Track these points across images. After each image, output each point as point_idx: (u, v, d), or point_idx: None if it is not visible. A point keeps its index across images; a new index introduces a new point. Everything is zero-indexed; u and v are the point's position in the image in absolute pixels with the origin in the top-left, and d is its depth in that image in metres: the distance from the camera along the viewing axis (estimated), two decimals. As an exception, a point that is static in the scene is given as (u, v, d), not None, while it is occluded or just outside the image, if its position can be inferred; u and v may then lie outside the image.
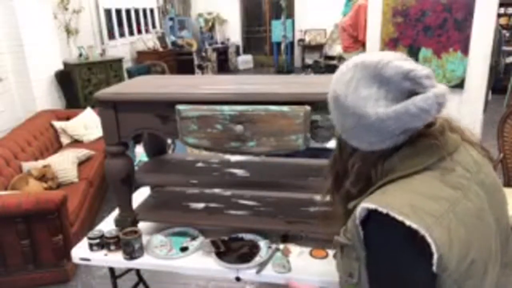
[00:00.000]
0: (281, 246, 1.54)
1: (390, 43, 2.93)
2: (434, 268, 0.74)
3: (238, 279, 1.48)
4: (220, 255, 1.52)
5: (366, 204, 0.80)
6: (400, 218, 0.75)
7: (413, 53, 2.85)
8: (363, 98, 0.80)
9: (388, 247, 0.79)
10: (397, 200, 0.78)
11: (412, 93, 0.78)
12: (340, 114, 0.86)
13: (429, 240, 0.73)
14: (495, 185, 0.90)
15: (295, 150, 1.40)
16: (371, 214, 0.79)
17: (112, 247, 1.64)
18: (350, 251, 0.86)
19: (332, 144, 1.40)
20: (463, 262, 0.77)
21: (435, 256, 0.73)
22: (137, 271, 2.12)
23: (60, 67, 4.94)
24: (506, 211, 0.92)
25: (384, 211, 0.77)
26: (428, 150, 0.83)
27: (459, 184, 0.81)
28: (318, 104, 1.37)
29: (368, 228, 0.81)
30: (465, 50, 2.66)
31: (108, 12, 7.00)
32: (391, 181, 0.83)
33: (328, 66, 7.71)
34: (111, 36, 7.07)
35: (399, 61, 0.80)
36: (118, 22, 7.38)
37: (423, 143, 0.83)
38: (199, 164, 1.84)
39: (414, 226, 0.73)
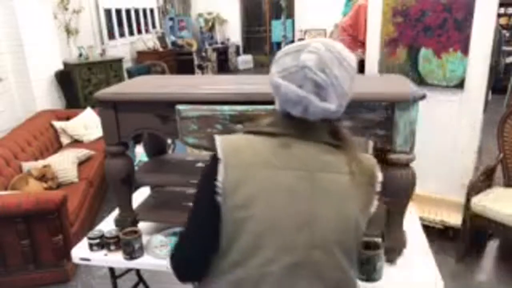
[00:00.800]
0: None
1: (390, 43, 2.93)
2: (219, 197, 0.90)
3: (238, 279, 1.48)
4: (220, 255, 1.52)
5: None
6: (217, 147, 0.93)
7: (413, 53, 2.85)
8: (281, 61, 0.95)
9: (203, 170, 0.99)
10: (229, 141, 0.96)
11: (299, 84, 0.90)
12: None
13: (219, 177, 0.90)
14: (334, 197, 0.93)
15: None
16: None
17: (112, 247, 1.64)
18: None
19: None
20: (242, 209, 0.89)
21: (220, 186, 0.90)
22: (137, 271, 2.12)
23: (60, 67, 4.94)
24: (328, 229, 0.92)
25: (215, 142, 0.95)
26: (276, 123, 0.96)
27: (282, 158, 0.92)
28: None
29: None
30: (465, 50, 2.65)
31: (108, 12, 7.00)
32: (249, 132, 0.98)
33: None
34: (111, 36, 7.06)
35: (319, 56, 0.89)
36: (118, 22, 7.37)
37: (280, 118, 0.96)
38: (199, 164, 1.84)
39: (219, 156, 0.92)
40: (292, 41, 10.07)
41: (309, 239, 0.90)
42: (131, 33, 7.93)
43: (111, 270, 1.82)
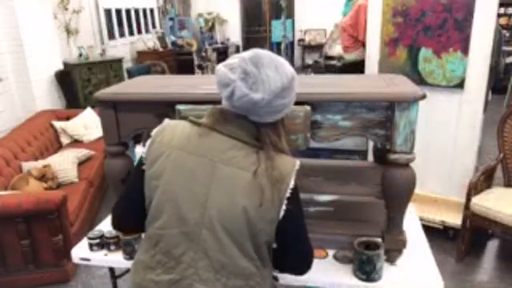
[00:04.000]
0: (281, 246, 1.54)
1: (390, 43, 2.93)
2: (144, 166, 1.13)
3: (238, 279, 1.48)
4: (220, 255, 1.52)
5: None
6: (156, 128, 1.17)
7: (413, 53, 2.85)
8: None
9: None
10: (167, 124, 1.17)
11: (232, 70, 1.06)
12: None
13: (145, 150, 1.14)
14: (229, 188, 1.04)
15: (295, 150, 1.40)
16: None
17: (112, 247, 1.64)
18: None
19: (331, 144, 1.40)
20: (155, 179, 1.08)
21: (144, 157, 1.14)
22: (137, 271, 2.12)
23: (60, 67, 4.94)
24: (217, 214, 1.03)
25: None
26: (208, 115, 1.13)
27: (194, 144, 1.08)
28: (318, 104, 1.37)
29: None
30: (465, 50, 2.65)
31: (108, 12, 6.99)
32: (189, 120, 1.16)
33: (328, 66, 7.70)
34: (111, 36, 7.06)
35: (257, 56, 1.04)
36: (118, 22, 7.37)
37: (213, 112, 1.13)
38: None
39: (151, 134, 1.15)
40: (292, 42, 10.08)
41: (200, 218, 1.04)
42: (131, 33, 7.93)
43: (111, 270, 1.82)
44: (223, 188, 1.04)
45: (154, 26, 8.92)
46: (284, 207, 1.06)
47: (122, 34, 7.55)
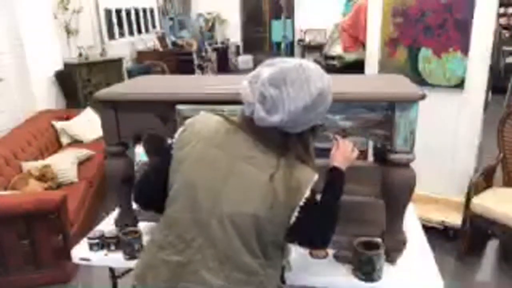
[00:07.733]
0: (281, 246, 1.54)
1: (390, 43, 2.93)
2: (172, 150, 1.17)
3: (238, 279, 1.49)
4: (220, 255, 1.52)
5: None
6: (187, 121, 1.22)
7: (413, 53, 2.85)
8: (260, 68, 1.11)
9: None
10: (201, 115, 1.22)
11: (254, 92, 1.08)
12: None
13: (176, 135, 1.20)
14: (244, 185, 1.07)
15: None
16: None
17: (112, 247, 1.64)
18: None
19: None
20: (178, 164, 1.14)
21: (174, 141, 1.18)
22: (137, 271, 2.12)
23: (60, 67, 4.93)
24: (228, 208, 1.07)
25: None
26: (239, 114, 1.16)
27: (220, 139, 1.12)
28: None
29: None
30: (465, 50, 2.65)
31: (108, 12, 6.99)
32: (221, 115, 1.21)
33: (328, 66, 7.69)
34: (111, 36, 7.05)
35: (280, 73, 1.05)
36: (118, 22, 7.36)
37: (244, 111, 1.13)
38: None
39: (186, 122, 1.21)
40: (292, 42, 10.09)
41: (212, 208, 1.07)
42: (131, 33, 7.92)
43: (111, 270, 1.82)
44: (238, 185, 1.08)
45: (154, 26, 8.91)
46: (296, 214, 1.07)
47: (122, 34, 7.54)
